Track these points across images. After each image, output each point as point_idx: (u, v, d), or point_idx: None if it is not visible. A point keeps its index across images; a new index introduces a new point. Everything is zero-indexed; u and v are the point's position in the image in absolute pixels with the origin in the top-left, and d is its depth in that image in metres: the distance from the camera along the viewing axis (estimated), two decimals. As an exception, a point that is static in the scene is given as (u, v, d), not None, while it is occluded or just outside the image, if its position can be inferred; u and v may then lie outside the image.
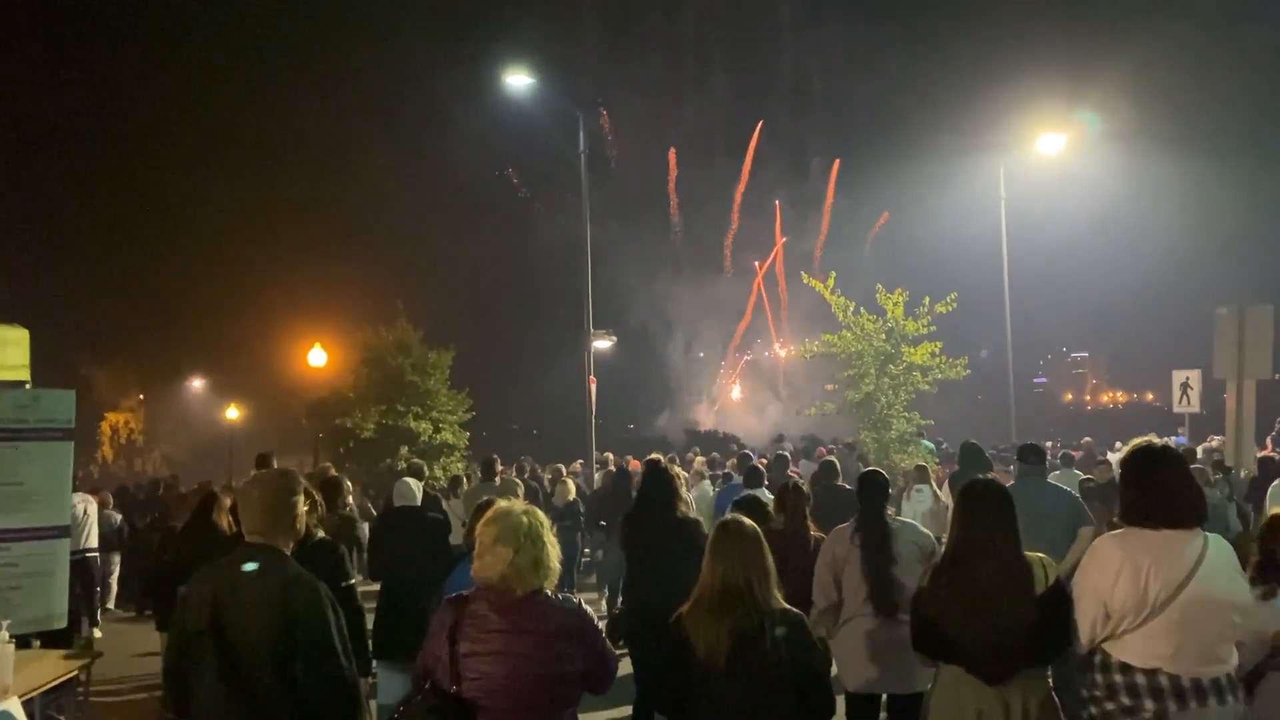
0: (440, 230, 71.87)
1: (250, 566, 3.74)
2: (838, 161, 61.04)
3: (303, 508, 4.03)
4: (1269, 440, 17.38)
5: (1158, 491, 3.70)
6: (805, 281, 18.59)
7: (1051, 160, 23.89)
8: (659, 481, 6.65)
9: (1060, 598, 3.96)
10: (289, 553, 3.90)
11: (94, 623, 12.36)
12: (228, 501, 8.07)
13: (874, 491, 5.64)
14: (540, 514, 3.73)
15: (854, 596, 5.38)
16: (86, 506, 12.25)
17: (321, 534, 6.18)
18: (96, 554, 12.52)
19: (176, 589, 7.21)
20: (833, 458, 12.04)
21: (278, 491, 3.94)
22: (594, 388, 16.24)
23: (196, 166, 73.08)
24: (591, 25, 73.37)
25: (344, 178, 73.86)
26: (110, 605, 14.31)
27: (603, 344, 17.18)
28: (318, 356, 24.53)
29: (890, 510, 5.77)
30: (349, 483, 9.95)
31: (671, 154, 68.25)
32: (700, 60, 74.91)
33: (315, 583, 3.80)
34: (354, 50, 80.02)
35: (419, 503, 8.26)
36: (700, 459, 18.65)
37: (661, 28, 76.13)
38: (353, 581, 6.16)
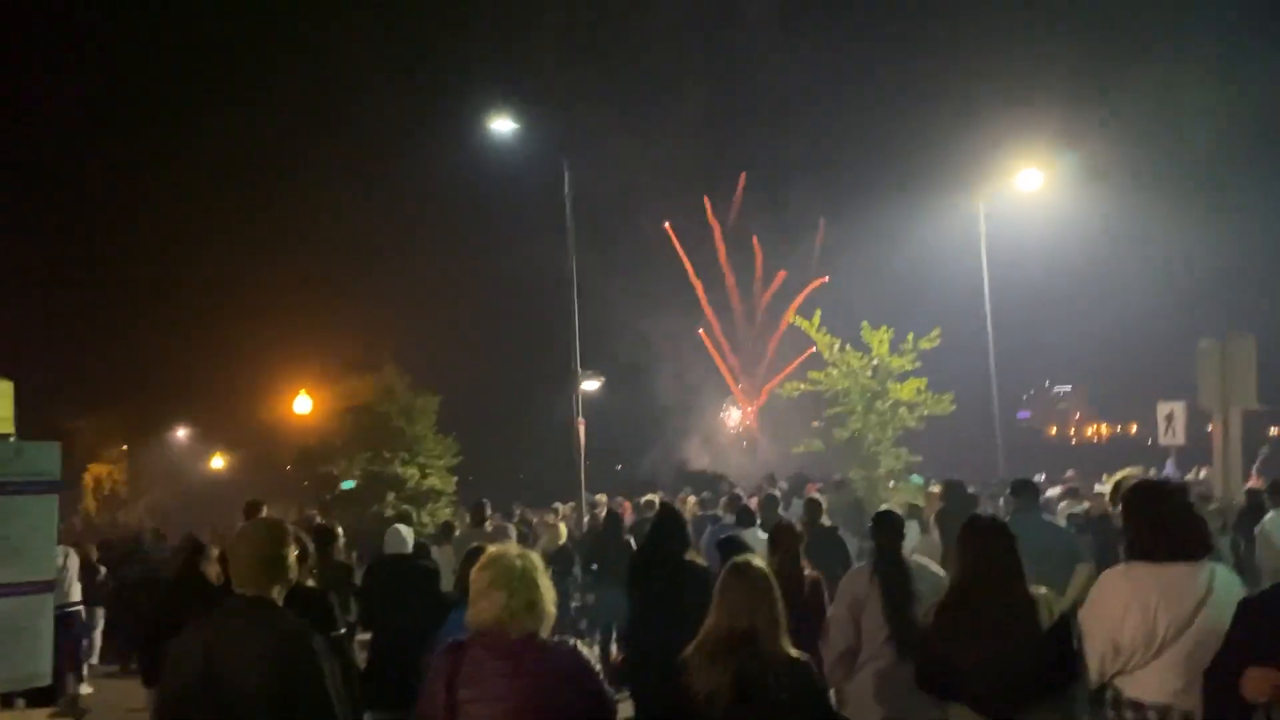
0: (423, 274, 71.87)
1: (241, 617, 3.69)
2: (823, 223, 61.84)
3: (294, 558, 3.98)
4: (1254, 470, 17.44)
5: (1162, 526, 3.70)
6: (793, 321, 18.67)
7: (1032, 197, 24.15)
8: (672, 525, 6.60)
9: (1065, 634, 3.94)
10: (280, 603, 3.85)
11: (80, 679, 12.15)
12: (215, 551, 7.96)
13: (889, 531, 5.57)
14: (534, 556, 3.70)
15: (874, 638, 5.30)
16: (67, 559, 12.07)
17: (311, 583, 6.10)
18: (80, 607, 12.33)
19: (164, 642, 7.13)
20: (818, 496, 12.01)
21: (268, 543, 3.89)
22: (583, 429, 16.20)
23: (179, 216, 72.82)
24: (570, 63, 74.07)
25: (328, 225, 73.76)
26: (95, 660, 14.07)
27: (591, 384, 17.15)
28: (303, 404, 24.43)
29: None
30: (340, 529, 9.85)
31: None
32: (678, 97, 75.49)
33: (308, 634, 3.75)
34: (337, 96, 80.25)
35: (410, 550, 8.18)
36: (693, 500, 18.58)
37: (637, 65, 76.68)
38: (343, 631, 6.08)
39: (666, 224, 69.12)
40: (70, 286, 67.35)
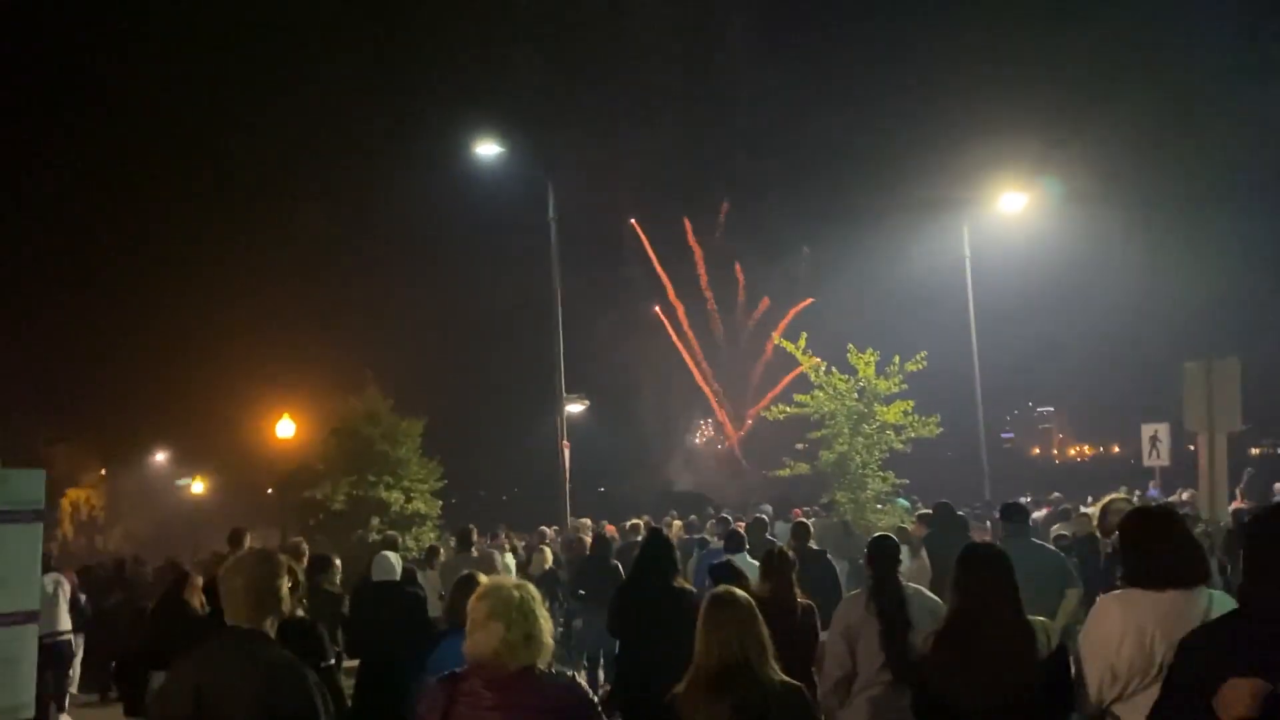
0: (406, 297, 71.84)
1: (234, 651, 3.64)
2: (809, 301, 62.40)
3: (286, 590, 3.94)
4: (1239, 491, 17.53)
5: (1158, 552, 3.70)
6: (777, 342, 18.70)
7: (1016, 220, 24.34)
8: (659, 551, 6.57)
9: (1063, 662, 3.93)
10: (273, 635, 3.80)
11: (61, 708, 11.96)
12: (199, 580, 7.88)
13: (886, 558, 5.55)
14: (531, 588, 3.67)
15: (869, 665, 5.27)
16: (57, 587, 11.88)
17: (300, 613, 6.04)
18: (69, 636, 12.15)
19: (147, 672, 7.04)
20: (804, 519, 11.97)
21: (262, 576, 3.84)
22: (568, 452, 16.13)
23: (160, 240, 72.71)
24: (553, 87, 74.26)
25: (310, 249, 73.65)
26: (74, 689, 13.85)
27: (575, 408, 17.09)
28: (285, 428, 24.25)
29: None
30: (338, 560, 9.75)
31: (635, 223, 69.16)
32: (660, 120, 75.84)
33: (301, 668, 3.70)
34: (319, 122, 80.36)
35: (399, 577, 8.11)
36: (678, 523, 18.52)
37: (620, 88, 77.01)
38: (331, 662, 6.01)
39: (633, 220, 69.33)
40: (47, 311, 66.88)
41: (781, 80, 74.18)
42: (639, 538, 11.65)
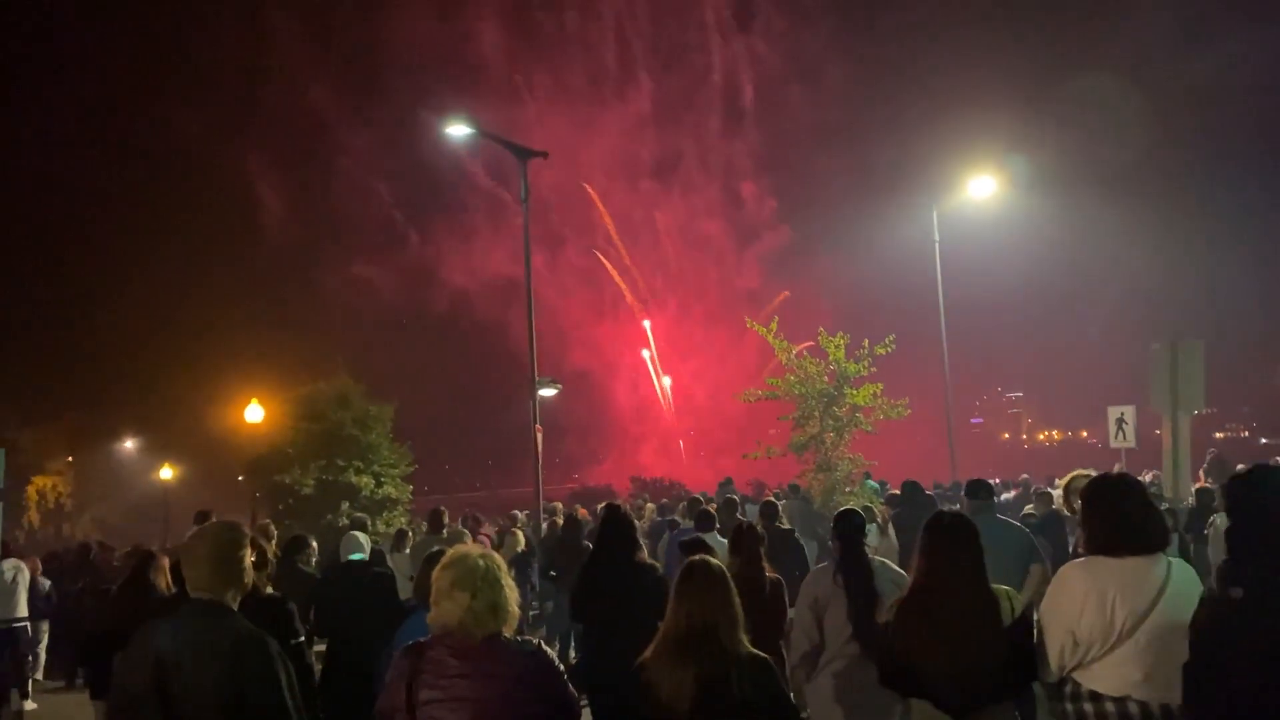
0: (374, 282, 71.61)
1: (195, 623, 3.60)
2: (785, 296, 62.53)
3: (249, 561, 3.89)
4: (1201, 472, 17.77)
5: (1119, 519, 3.73)
6: (749, 326, 18.76)
7: (985, 204, 24.46)
8: (618, 527, 6.56)
9: (1026, 630, 3.97)
10: (235, 608, 3.76)
11: (24, 695, 11.84)
12: (165, 561, 7.79)
13: (852, 531, 5.53)
14: (497, 557, 3.66)
15: (836, 637, 5.27)
16: (16, 573, 11.77)
17: (270, 590, 5.98)
18: (26, 623, 12.03)
19: (112, 655, 6.96)
20: (773, 499, 12.02)
21: (224, 544, 3.79)
22: (540, 437, 16.06)
23: (125, 222, 71.87)
24: (521, 63, 74.19)
25: (277, 233, 73.24)
26: (39, 675, 13.71)
27: (548, 392, 17.01)
28: (255, 412, 24.04)
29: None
30: (314, 541, 9.69)
31: (594, 194, 69.23)
32: (630, 91, 75.83)
33: (265, 639, 3.66)
34: (280, 100, 79.86)
35: (367, 556, 8.05)
36: (651, 506, 18.54)
37: (591, 63, 77.08)
38: (302, 639, 5.97)
39: (587, 185, 69.24)
40: (14, 298, 66.02)
41: (754, 60, 74.49)
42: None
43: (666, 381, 74.71)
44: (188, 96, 78.01)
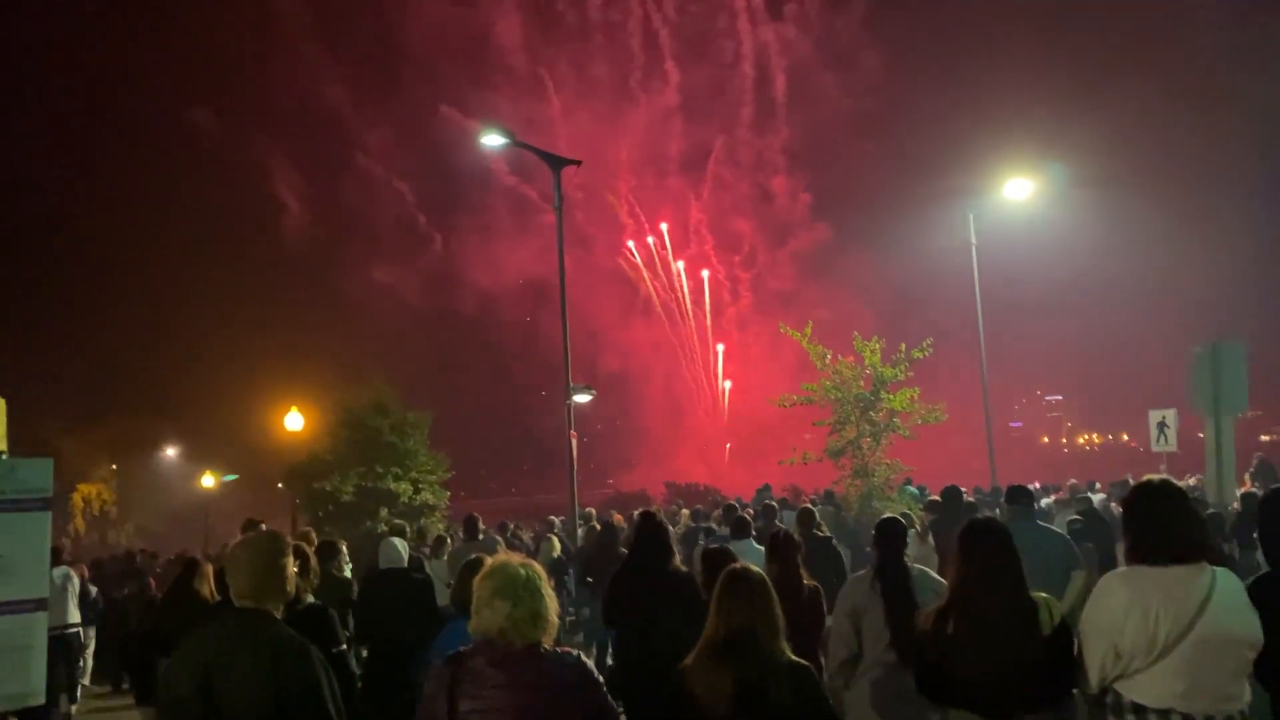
0: (413, 290, 71.93)
1: (240, 631, 3.66)
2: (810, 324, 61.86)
3: (292, 570, 3.96)
4: (1247, 476, 17.50)
5: (1161, 528, 3.68)
6: (783, 330, 18.72)
7: (1022, 206, 24.24)
8: (653, 534, 6.57)
9: (1066, 638, 3.92)
10: (278, 616, 3.82)
11: (73, 700, 12.04)
12: (209, 569, 7.92)
13: (892, 539, 5.51)
14: (538, 566, 3.67)
15: (874, 645, 5.26)
16: (67, 581, 11.95)
17: (311, 598, 6.06)
18: (79, 629, 12.23)
19: (157, 660, 7.08)
20: (809, 505, 11.97)
21: (267, 553, 3.86)
22: (575, 443, 16.10)
23: (170, 236, 72.85)
24: (552, 69, 73.85)
25: (298, 232, 74.13)
26: (86, 681, 13.95)
27: (582, 398, 17.04)
28: (294, 420, 24.30)
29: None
30: (344, 546, 9.79)
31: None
32: (656, 82, 74.78)
33: (308, 646, 3.72)
34: (293, 101, 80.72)
35: (405, 563, 8.13)
36: (686, 512, 18.52)
37: (615, 52, 76.36)
38: (344, 647, 6.03)
39: (616, 182, 68.45)
40: (59, 306, 67.19)
41: (789, 62, 73.74)
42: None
43: (727, 385, 74.21)
44: (202, 94, 78.73)
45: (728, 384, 73.85)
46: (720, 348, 72.95)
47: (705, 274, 73.73)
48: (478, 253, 69.74)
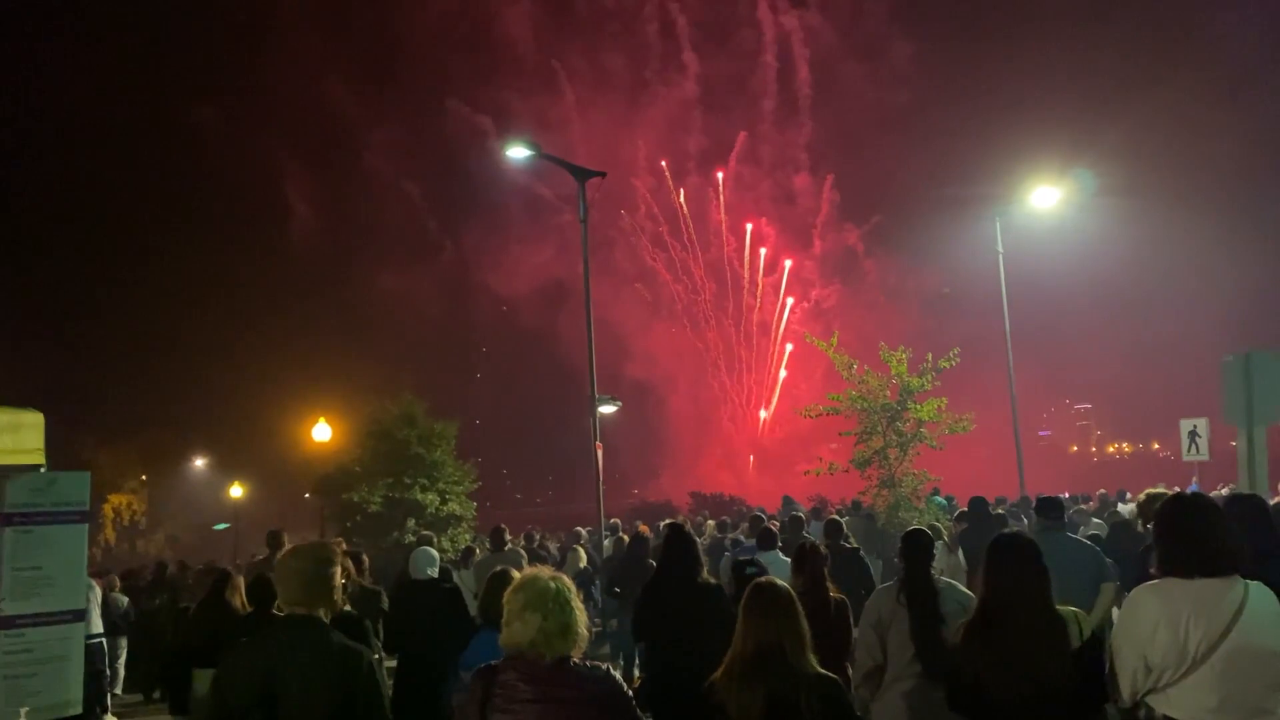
0: (437, 301, 72.03)
1: (301, 636, 3.73)
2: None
3: (339, 579, 4.02)
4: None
5: (1192, 541, 3.67)
6: (809, 340, 18.68)
7: (1050, 215, 24.10)
8: (681, 546, 6.58)
9: (1096, 652, 3.91)
10: (328, 623, 3.89)
11: (105, 709, 12.16)
12: (240, 581, 8.00)
13: (918, 551, 5.50)
14: (567, 579, 3.70)
15: (899, 657, 5.26)
16: (88, 590, 12.07)
17: (347, 607, 6.13)
18: (101, 639, 12.36)
19: (190, 671, 7.15)
20: (836, 516, 11.94)
21: (317, 562, 3.93)
22: (600, 454, 16.12)
23: (199, 248, 73.59)
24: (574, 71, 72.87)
25: (349, 256, 74.31)
26: (118, 691, 14.08)
27: (608, 409, 17.06)
28: (322, 431, 24.51)
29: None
30: (365, 557, 9.88)
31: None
32: (674, 75, 73.09)
33: (367, 652, 3.81)
34: (345, 129, 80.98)
35: (438, 573, 8.17)
36: (712, 523, 18.51)
37: (631, 41, 74.76)
38: (378, 656, 6.09)
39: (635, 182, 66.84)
40: (90, 319, 68.02)
41: (821, 76, 72.77)
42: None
43: (761, 413, 73.11)
44: (205, 94, 78.89)
45: (763, 412, 72.47)
46: (788, 348, 71.17)
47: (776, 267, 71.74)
48: (491, 256, 68.33)
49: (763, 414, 72.30)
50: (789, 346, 70.30)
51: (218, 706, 3.74)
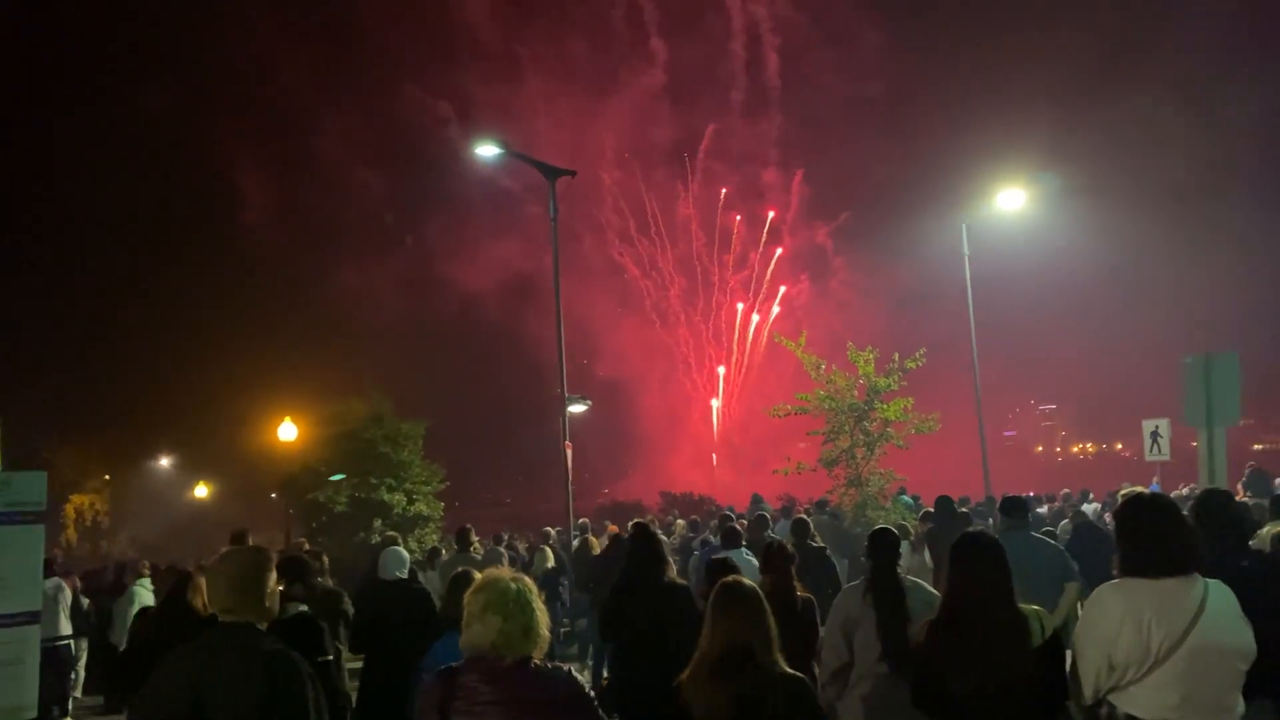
0: (403, 300, 71.27)
1: (226, 646, 3.66)
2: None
3: (274, 584, 3.95)
4: (1239, 486, 17.54)
5: (1153, 540, 3.71)
6: (778, 341, 18.73)
7: (1017, 219, 24.31)
8: (648, 546, 6.57)
9: (1057, 651, 3.94)
10: (264, 629, 3.82)
11: (65, 713, 11.99)
12: (202, 581, 7.89)
13: (885, 550, 5.52)
14: (529, 580, 3.68)
15: (866, 656, 5.27)
16: (58, 592, 11.90)
17: (303, 608, 6.06)
18: (69, 641, 12.18)
19: (148, 672, 7.04)
20: (804, 516, 11.98)
21: (249, 567, 3.86)
22: (570, 453, 16.09)
23: (160, 246, 72.66)
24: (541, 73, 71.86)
25: (309, 250, 73.39)
26: (78, 693, 13.88)
27: (578, 408, 17.04)
28: (288, 430, 24.27)
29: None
30: (325, 556, 9.77)
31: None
32: (640, 63, 71.81)
33: (296, 658, 3.73)
34: (301, 125, 79.68)
35: (407, 574, 8.10)
36: (681, 522, 18.52)
37: (596, 27, 73.14)
38: (330, 657, 6.02)
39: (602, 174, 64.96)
40: (51, 318, 67.00)
41: (788, 79, 72.70)
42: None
43: (713, 403, 73.14)
44: (222, 120, 77.88)
45: (715, 402, 72.62)
46: (720, 370, 71.55)
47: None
48: (454, 248, 66.40)
49: (714, 404, 72.24)
50: (763, 341, 70.26)
51: (150, 714, 3.68)
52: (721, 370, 71.13)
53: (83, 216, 73.17)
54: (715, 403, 71.81)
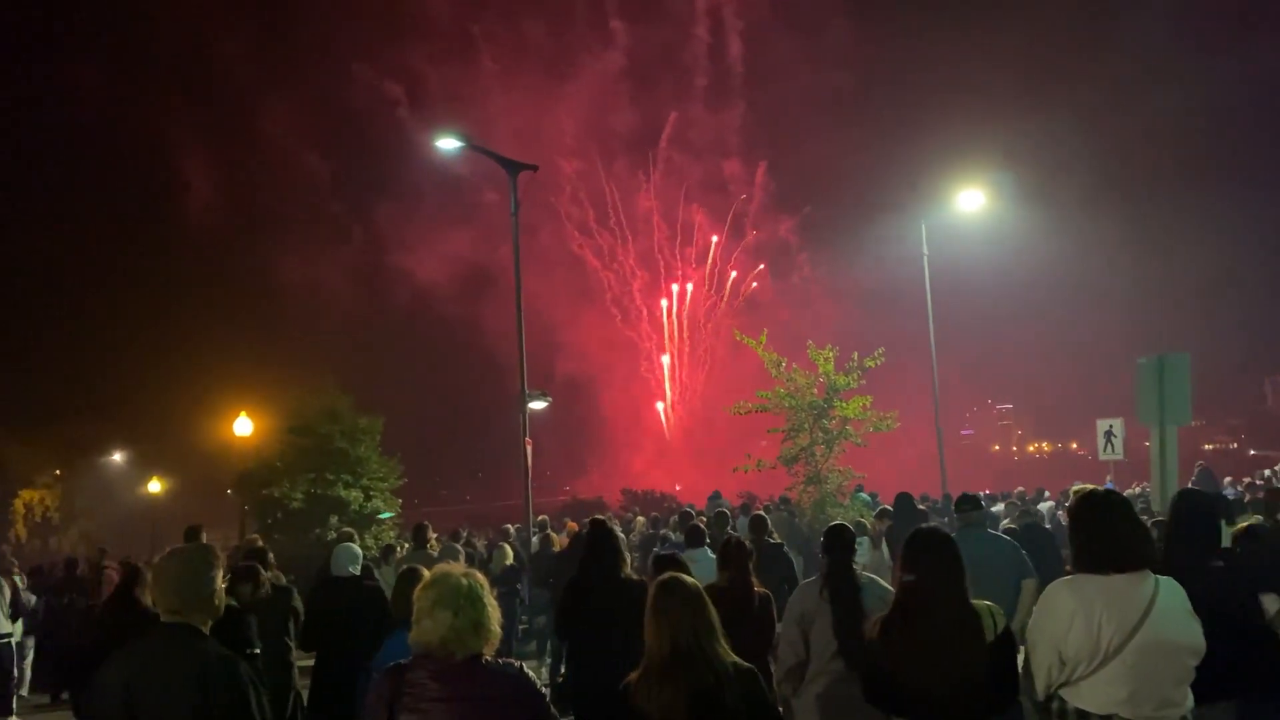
0: (361, 294, 70.31)
1: (165, 648, 3.57)
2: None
3: (221, 584, 3.85)
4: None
5: (1105, 537, 3.73)
6: (738, 338, 18.76)
7: (975, 220, 24.57)
8: (603, 542, 6.53)
9: (1010, 646, 3.96)
10: (206, 631, 3.72)
11: (8, 711, 11.74)
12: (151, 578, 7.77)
13: (840, 546, 5.49)
14: (480, 576, 3.63)
15: (822, 653, 5.25)
16: (-1, 587, 11.67)
17: (231, 600, 5.95)
18: (10, 638, 11.93)
19: (97, 672, 6.91)
20: (762, 513, 12.01)
21: (195, 566, 3.76)
22: (530, 450, 16.00)
23: (114, 238, 71.47)
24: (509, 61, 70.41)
25: (265, 247, 72.12)
26: (24, 692, 13.60)
27: (538, 405, 16.92)
28: (243, 425, 23.96)
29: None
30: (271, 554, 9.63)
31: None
32: (608, 59, 70.22)
33: (236, 661, 3.64)
34: (268, 112, 78.27)
35: (359, 571, 7.99)
36: (642, 519, 18.50)
37: (561, 21, 71.51)
38: (257, 650, 5.93)
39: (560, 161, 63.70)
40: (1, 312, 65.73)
41: (753, 78, 72.45)
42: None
43: (659, 405, 72.80)
44: (180, 112, 76.62)
45: (659, 405, 72.02)
46: (665, 359, 70.90)
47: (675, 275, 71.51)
48: (406, 237, 64.63)
49: (660, 406, 71.98)
50: (665, 359, 70.06)
51: (88, 714, 3.60)
52: (666, 360, 70.33)
53: (26, 205, 71.73)
54: (660, 405, 71.44)
